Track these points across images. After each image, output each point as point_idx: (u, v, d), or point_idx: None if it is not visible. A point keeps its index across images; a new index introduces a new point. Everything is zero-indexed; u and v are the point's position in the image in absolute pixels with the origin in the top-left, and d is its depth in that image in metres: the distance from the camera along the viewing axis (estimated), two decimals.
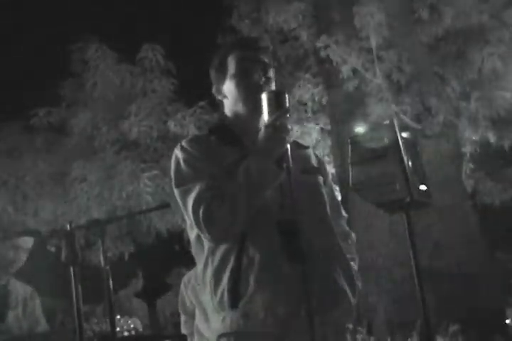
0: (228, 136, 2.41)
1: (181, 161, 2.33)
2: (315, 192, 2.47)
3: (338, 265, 2.36)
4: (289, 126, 2.22)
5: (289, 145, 2.21)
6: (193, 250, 2.38)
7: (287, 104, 2.23)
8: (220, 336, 2.24)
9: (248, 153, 2.29)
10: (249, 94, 2.40)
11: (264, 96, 2.25)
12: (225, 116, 2.50)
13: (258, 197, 2.22)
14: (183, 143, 2.39)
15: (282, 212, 2.26)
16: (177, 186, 2.32)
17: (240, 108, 2.43)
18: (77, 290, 2.84)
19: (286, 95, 2.26)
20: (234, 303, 2.18)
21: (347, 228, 2.63)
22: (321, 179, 2.52)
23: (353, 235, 2.74)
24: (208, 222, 2.18)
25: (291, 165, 2.21)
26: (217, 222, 2.18)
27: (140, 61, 8.69)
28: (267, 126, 2.20)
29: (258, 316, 2.18)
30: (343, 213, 2.71)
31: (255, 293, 2.18)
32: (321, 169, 2.59)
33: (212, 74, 2.54)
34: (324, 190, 2.51)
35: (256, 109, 2.32)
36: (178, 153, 2.36)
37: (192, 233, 2.37)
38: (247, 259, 2.21)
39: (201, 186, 2.23)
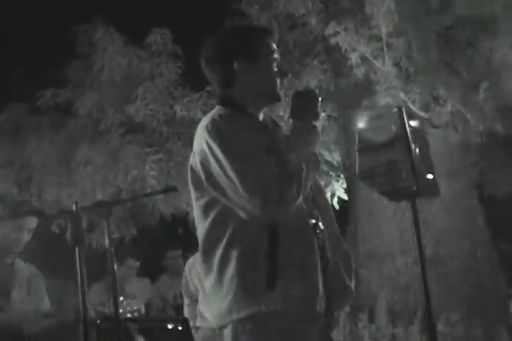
0: (248, 116, 2.41)
1: (230, 134, 2.26)
2: (318, 184, 2.54)
3: (340, 255, 2.45)
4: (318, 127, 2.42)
5: None
6: (207, 227, 2.33)
7: (319, 108, 2.40)
8: (248, 317, 2.23)
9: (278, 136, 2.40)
10: (276, 81, 2.47)
11: (296, 95, 2.41)
12: (235, 93, 2.45)
13: (310, 183, 2.30)
14: (224, 117, 2.32)
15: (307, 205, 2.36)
16: (232, 161, 2.20)
17: (263, 91, 2.45)
18: (81, 271, 2.84)
19: (320, 99, 2.42)
20: (272, 284, 2.20)
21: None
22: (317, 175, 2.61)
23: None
24: (280, 200, 2.16)
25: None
26: (288, 200, 2.19)
27: (148, 45, 8.66)
28: (308, 122, 2.34)
29: (295, 297, 2.23)
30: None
31: (293, 274, 2.23)
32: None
33: (235, 52, 2.44)
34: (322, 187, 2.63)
35: (277, 97, 2.48)
36: (220, 125, 2.28)
37: (211, 210, 2.31)
38: (286, 243, 2.24)
39: (266, 162, 2.21)
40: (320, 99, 2.40)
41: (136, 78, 8.63)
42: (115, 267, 3.08)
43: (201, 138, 2.30)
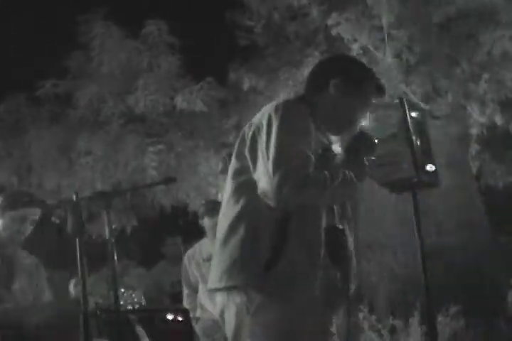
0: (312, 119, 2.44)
1: (296, 118, 2.33)
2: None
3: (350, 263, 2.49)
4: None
5: None
6: (227, 195, 2.41)
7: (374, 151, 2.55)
8: (235, 287, 2.28)
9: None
10: (348, 121, 2.53)
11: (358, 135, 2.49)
12: (315, 100, 2.52)
13: (337, 202, 2.41)
14: (295, 104, 2.41)
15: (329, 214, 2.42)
16: (279, 139, 2.27)
17: (331, 118, 2.52)
18: (82, 262, 2.84)
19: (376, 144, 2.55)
20: (269, 267, 2.23)
21: None
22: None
23: None
24: (290, 196, 2.20)
25: None
26: (296, 199, 2.23)
27: (144, 37, 8.64)
28: (361, 158, 2.44)
29: (285, 286, 2.25)
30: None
31: (291, 265, 2.26)
32: None
33: (347, 71, 2.56)
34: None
35: (338, 133, 2.53)
36: (292, 108, 2.36)
37: (236, 178, 2.39)
38: (294, 232, 2.27)
39: (308, 158, 2.26)
40: (376, 142, 2.54)
41: (136, 69, 8.61)
42: (115, 258, 3.07)
43: (266, 113, 2.37)
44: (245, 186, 2.34)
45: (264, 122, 2.33)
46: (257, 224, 2.29)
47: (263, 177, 2.25)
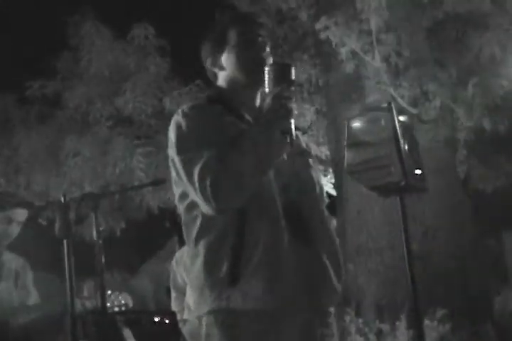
0: (227, 107, 2.38)
1: (184, 128, 2.27)
2: (308, 175, 2.47)
3: (326, 250, 2.36)
4: (294, 99, 2.20)
5: (293, 120, 2.18)
6: (183, 221, 2.33)
7: (293, 77, 2.22)
8: (211, 312, 2.21)
9: (251, 124, 2.31)
10: (252, 65, 2.39)
11: (269, 68, 2.24)
12: (221, 87, 2.48)
13: (265, 168, 2.21)
14: (186, 110, 2.33)
15: (284, 193, 2.29)
16: (180, 153, 2.24)
17: (241, 79, 2.42)
18: (69, 264, 2.83)
19: (293, 68, 2.24)
20: (234, 280, 2.16)
21: (327, 213, 2.60)
22: (312, 162, 2.52)
23: (334, 221, 2.74)
24: (215, 192, 2.12)
25: (294, 139, 2.19)
26: (224, 192, 2.13)
27: (132, 39, 8.64)
28: (274, 97, 2.17)
29: (257, 295, 2.18)
30: (325, 198, 2.62)
31: (257, 271, 2.18)
32: (311, 153, 2.60)
33: (209, 46, 2.51)
34: (314, 174, 2.51)
35: (257, 81, 2.30)
36: (180, 119, 2.30)
37: (183, 203, 2.32)
38: (251, 237, 2.19)
39: (207, 155, 2.16)
40: (292, 66, 2.26)
41: (125, 71, 8.61)
42: (103, 259, 3.06)
43: (169, 132, 2.35)
44: (192, 208, 2.27)
45: (170, 142, 2.31)
46: (214, 243, 2.22)
47: (195, 197, 2.19)
